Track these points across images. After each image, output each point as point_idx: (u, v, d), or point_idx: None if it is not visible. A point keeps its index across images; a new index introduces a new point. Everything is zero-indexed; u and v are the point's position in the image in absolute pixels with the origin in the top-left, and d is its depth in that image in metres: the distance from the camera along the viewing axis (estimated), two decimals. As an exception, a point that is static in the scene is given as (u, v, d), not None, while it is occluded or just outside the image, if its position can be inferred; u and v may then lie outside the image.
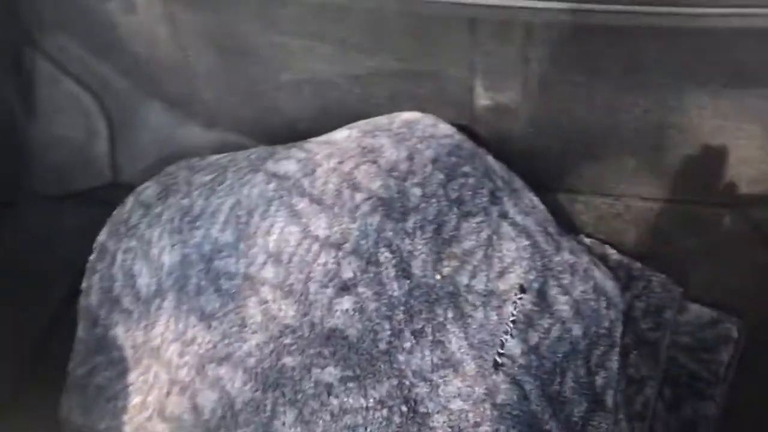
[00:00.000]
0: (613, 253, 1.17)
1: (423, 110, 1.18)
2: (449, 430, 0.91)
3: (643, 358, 1.05)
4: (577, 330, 1.01)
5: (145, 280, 1.08)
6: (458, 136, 1.11)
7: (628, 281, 1.13)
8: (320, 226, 1.00)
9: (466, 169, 1.06)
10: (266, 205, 1.04)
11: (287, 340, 0.92)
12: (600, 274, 1.08)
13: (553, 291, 1.02)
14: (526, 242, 1.04)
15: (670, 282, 1.12)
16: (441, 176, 1.04)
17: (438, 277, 0.98)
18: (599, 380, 0.99)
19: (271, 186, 1.06)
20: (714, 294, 1.12)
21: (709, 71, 1.03)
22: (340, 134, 1.14)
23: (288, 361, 0.91)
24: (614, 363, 1.00)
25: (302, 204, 1.02)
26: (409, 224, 0.99)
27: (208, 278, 1.01)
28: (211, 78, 1.26)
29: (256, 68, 1.23)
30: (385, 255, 0.97)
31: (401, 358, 0.92)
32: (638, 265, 1.15)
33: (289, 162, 1.09)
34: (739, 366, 1.07)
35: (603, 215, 1.23)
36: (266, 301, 0.96)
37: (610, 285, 1.07)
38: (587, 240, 1.19)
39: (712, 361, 1.05)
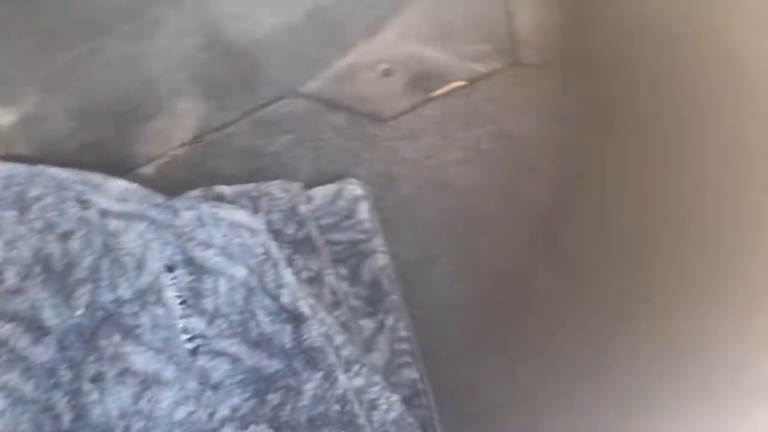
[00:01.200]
0: (224, 188, 1.15)
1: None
2: (189, 440, 0.84)
3: (306, 256, 1.08)
4: (240, 272, 0.99)
5: None
6: (8, 165, 0.94)
7: (254, 203, 1.13)
8: None
9: (35, 192, 0.92)
10: None
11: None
12: (226, 212, 1.06)
13: (196, 252, 0.97)
14: (143, 225, 0.96)
15: (286, 182, 1.16)
16: (13, 213, 0.88)
17: (78, 312, 0.85)
18: (285, 299, 0.99)
19: None
20: (325, 170, 1.19)
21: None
22: None
23: None
24: (288, 276, 1.01)
25: None
26: (10, 282, 0.83)
27: None
28: None
29: None
30: (5, 329, 0.80)
31: (97, 411, 0.79)
32: (251, 185, 1.16)
33: None
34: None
35: (185, 162, 1.20)
36: None
37: (240, 215, 1.06)
38: (195, 192, 1.15)
39: (356, 223, 1.13)
